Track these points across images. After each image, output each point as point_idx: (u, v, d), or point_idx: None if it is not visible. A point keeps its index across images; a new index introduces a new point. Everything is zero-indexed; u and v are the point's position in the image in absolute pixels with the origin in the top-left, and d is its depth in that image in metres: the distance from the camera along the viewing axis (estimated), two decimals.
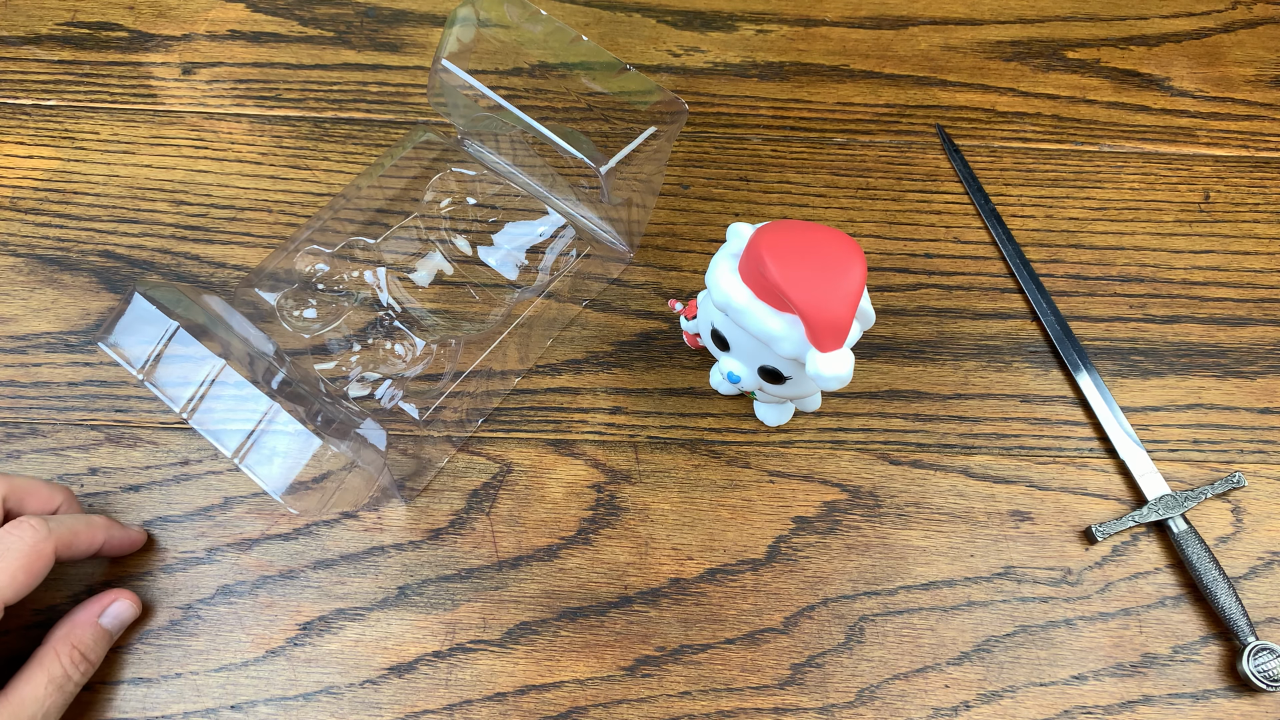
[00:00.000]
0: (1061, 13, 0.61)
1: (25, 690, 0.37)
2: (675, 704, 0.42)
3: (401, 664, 0.42)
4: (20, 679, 0.37)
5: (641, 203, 0.48)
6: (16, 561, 0.36)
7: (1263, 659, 0.42)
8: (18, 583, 0.36)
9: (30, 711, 0.36)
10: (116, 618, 0.41)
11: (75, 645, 0.39)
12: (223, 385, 0.36)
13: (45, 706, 0.37)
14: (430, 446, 0.45)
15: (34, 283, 0.49)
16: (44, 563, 0.37)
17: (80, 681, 0.39)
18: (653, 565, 0.44)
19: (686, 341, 0.48)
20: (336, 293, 0.46)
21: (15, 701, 0.36)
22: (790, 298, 0.34)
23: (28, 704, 0.36)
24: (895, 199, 0.54)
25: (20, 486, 0.39)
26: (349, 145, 0.54)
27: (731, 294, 0.37)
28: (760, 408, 0.47)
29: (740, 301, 0.37)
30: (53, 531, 0.38)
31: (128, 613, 0.41)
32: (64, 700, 0.38)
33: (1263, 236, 0.53)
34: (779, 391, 0.41)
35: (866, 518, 0.45)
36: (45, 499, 0.40)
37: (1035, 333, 0.50)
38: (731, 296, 0.37)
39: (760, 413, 0.47)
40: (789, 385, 0.40)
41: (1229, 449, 0.48)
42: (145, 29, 0.57)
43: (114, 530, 0.41)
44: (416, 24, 0.58)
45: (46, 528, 0.37)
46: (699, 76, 0.57)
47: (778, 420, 0.47)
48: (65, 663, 0.38)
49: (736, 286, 0.37)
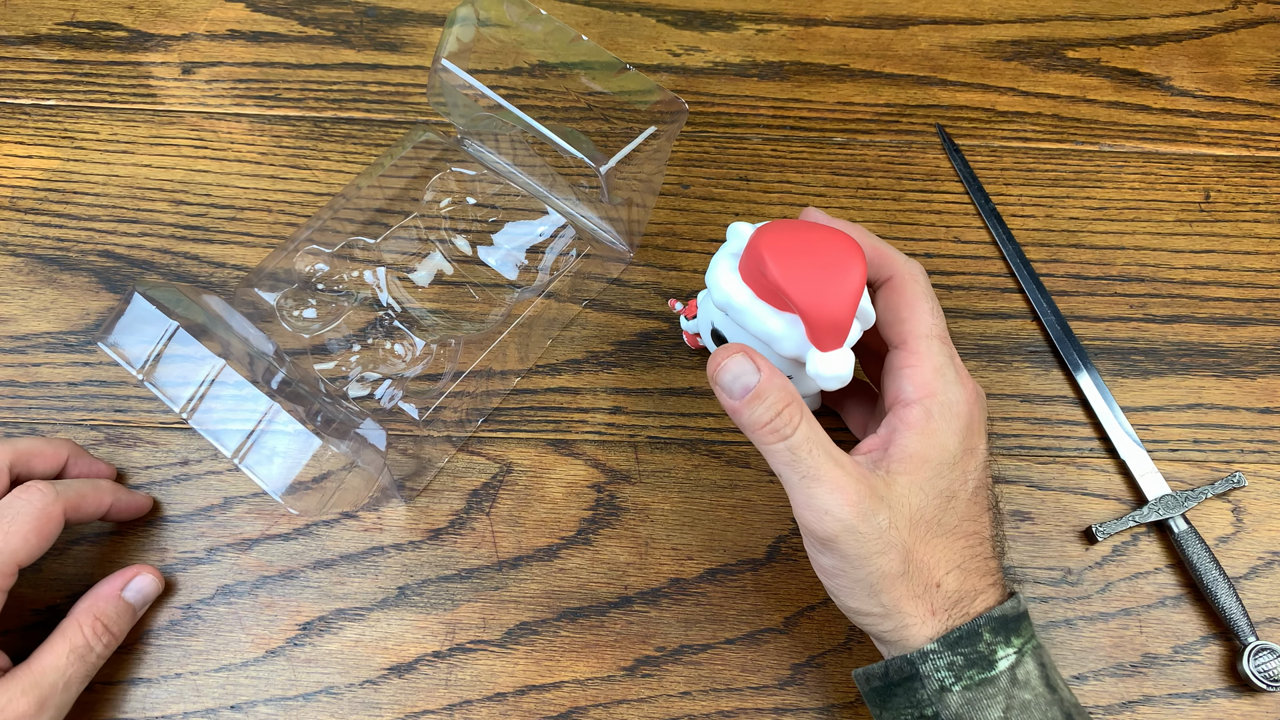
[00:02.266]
0: (1062, 12, 0.61)
1: (47, 659, 0.37)
2: (675, 704, 0.42)
3: (401, 664, 0.42)
4: (43, 649, 0.38)
5: (641, 202, 0.48)
6: (28, 524, 0.37)
7: (1263, 659, 0.42)
8: (30, 545, 0.37)
9: (51, 680, 0.37)
10: (140, 592, 0.41)
11: (98, 617, 0.39)
12: (222, 385, 0.36)
13: (67, 676, 0.37)
14: (430, 446, 0.45)
15: (34, 283, 0.49)
16: (54, 525, 0.38)
17: (103, 654, 0.39)
18: (653, 565, 0.44)
19: (686, 341, 0.48)
20: (336, 293, 0.46)
21: (37, 670, 0.37)
22: (790, 297, 0.34)
23: (49, 672, 0.37)
24: (895, 199, 0.54)
25: (25, 450, 0.40)
26: (349, 145, 0.54)
27: (731, 293, 0.37)
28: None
29: (740, 301, 0.36)
30: (60, 494, 0.38)
31: (151, 587, 0.41)
32: (86, 671, 0.38)
33: (1263, 236, 0.53)
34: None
35: None
36: (51, 457, 0.41)
37: (1035, 332, 0.50)
38: (731, 296, 0.37)
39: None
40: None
41: (1229, 449, 0.48)
42: (145, 29, 0.57)
43: (120, 494, 0.42)
44: (416, 24, 0.58)
45: (54, 491, 0.38)
46: (699, 76, 0.57)
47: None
48: (88, 633, 0.38)
49: (736, 286, 0.37)
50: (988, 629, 0.34)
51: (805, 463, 0.34)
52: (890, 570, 0.34)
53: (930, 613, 0.34)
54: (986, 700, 0.33)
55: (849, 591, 0.35)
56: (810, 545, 0.36)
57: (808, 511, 0.34)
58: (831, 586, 0.36)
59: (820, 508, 0.33)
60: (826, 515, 0.33)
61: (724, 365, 0.34)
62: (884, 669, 0.35)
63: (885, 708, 0.35)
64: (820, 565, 0.36)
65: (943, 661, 0.33)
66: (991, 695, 0.33)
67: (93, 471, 0.43)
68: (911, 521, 0.34)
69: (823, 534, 0.34)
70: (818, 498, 0.33)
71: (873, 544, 0.33)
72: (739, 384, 0.34)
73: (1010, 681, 0.33)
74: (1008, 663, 0.34)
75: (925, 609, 0.34)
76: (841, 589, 0.35)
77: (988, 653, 0.33)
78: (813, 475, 0.34)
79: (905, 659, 0.34)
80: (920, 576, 0.34)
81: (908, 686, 0.34)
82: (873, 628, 0.35)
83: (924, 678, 0.33)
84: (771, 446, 0.34)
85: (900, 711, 0.34)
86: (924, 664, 0.33)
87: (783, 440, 0.34)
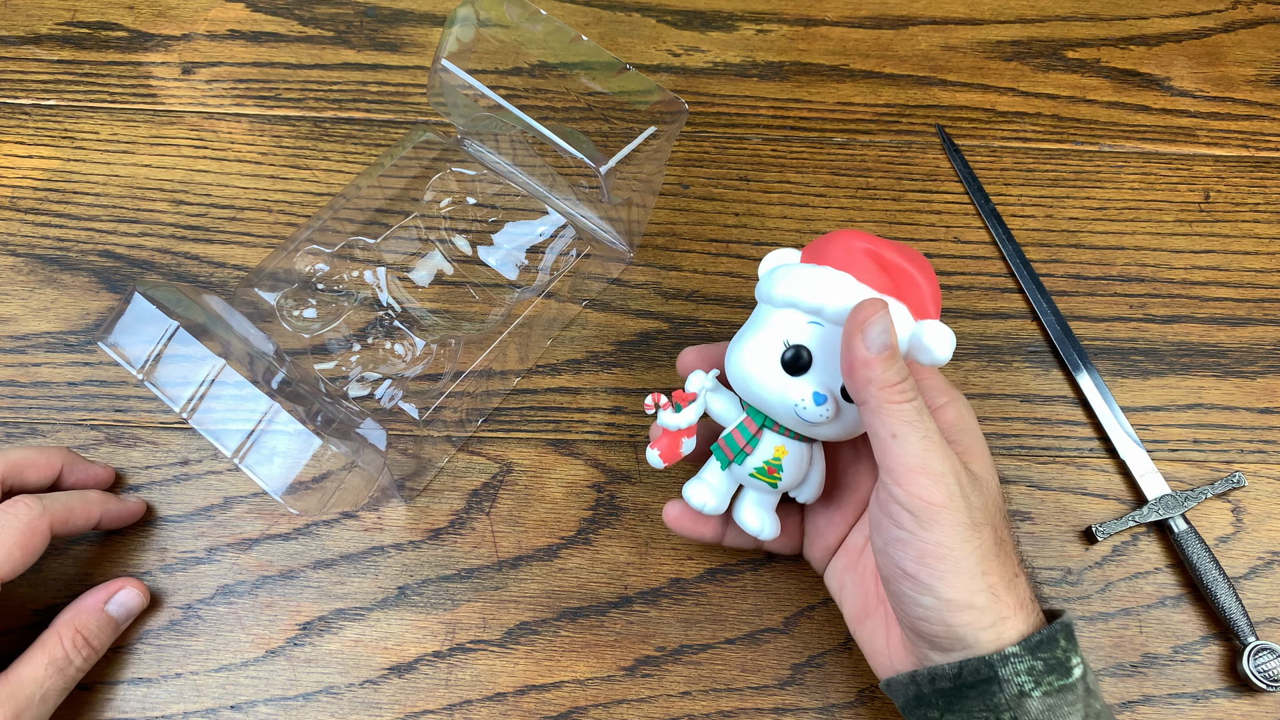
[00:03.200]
0: (1061, 12, 0.61)
1: (25, 670, 0.37)
2: (675, 704, 0.42)
3: (401, 664, 0.42)
4: (21, 660, 0.37)
5: (641, 203, 0.48)
6: (12, 538, 0.37)
7: (1263, 659, 0.42)
8: (14, 559, 0.37)
9: (28, 691, 0.36)
10: (123, 606, 0.41)
11: (79, 630, 0.39)
12: (223, 385, 0.36)
13: (44, 688, 0.37)
14: (430, 446, 0.45)
15: (34, 282, 0.49)
16: (40, 540, 0.38)
17: (82, 667, 0.39)
18: (653, 565, 0.44)
19: (656, 459, 0.39)
20: (336, 293, 0.46)
21: (14, 681, 0.36)
22: (910, 265, 0.36)
23: (26, 684, 0.37)
24: (895, 199, 0.54)
25: (17, 461, 0.40)
26: (349, 145, 0.54)
27: (830, 282, 0.36)
28: (751, 512, 0.40)
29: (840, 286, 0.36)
30: (47, 509, 0.38)
31: (135, 601, 0.41)
32: (64, 684, 0.38)
33: (1263, 236, 0.53)
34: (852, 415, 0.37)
35: None
36: (44, 468, 0.41)
37: (1035, 333, 0.50)
38: (831, 284, 0.36)
39: (751, 520, 0.40)
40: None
41: (1229, 449, 0.48)
42: (145, 29, 0.57)
43: (110, 504, 0.41)
44: (416, 24, 0.58)
45: (41, 505, 0.38)
46: (699, 76, 0.57)
47: (771, 529, 0.40)
48: (68, 646, 0.38)
49: (832, 274, 0.36)
50: (1063, 635, 0.33)
51: (926, 424, 0.33)
52: (989, 549, 0.33)
53: (1019, 605, 0.34)
54: (1067, 708, 0.32)
55: (951, 578, 0.33)
56: (906, 528, 0.33)
57: (924, 475, 0.33)
58: (927, 578, 0.33)
59: (937, 470, 0.33)
60: (942, 479, 0.33)
61: (876, 318, 0.33)
62: (957, 669, 0.33)
63: (951, 710, 0.34)
64: (919, 552, 0.33)
65: (1023, 665, 0.32)
66: (1071, 703, 0.32)
67: (89, 477, 0.42)
68: (995, 504, 0.35)
69: (938, 499, 0.32)
70: (934, 460, 0.33)
71: (978, 514, 0.33)
72: (882, 339, 0.33)
73: (1085, 690, 0.33)
74: (1080, 670, 0.33)
75: (1014, 600, 0.33)
76: (942, 576, 0.33)
77: (1064, 659, 0.33)
78: (931, 438, 0.33)
79: (984, 660, 0.33)
80: (1009, 563, 0.34)
81: (983, 689, 0.33)
82: (968, 625, 0.33)
83: (1003, 681, 0.32)
84: (898, 406, 0.33)
85: (972, 715, 0.33)
86: (1004, 667, 0.32)
87: (909, 402, 0.33)
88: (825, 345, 0.36)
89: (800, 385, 0.36)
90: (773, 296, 0.37)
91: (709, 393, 0.39)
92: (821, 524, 0.42)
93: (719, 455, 0.39)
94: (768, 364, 0.36)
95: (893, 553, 0.34)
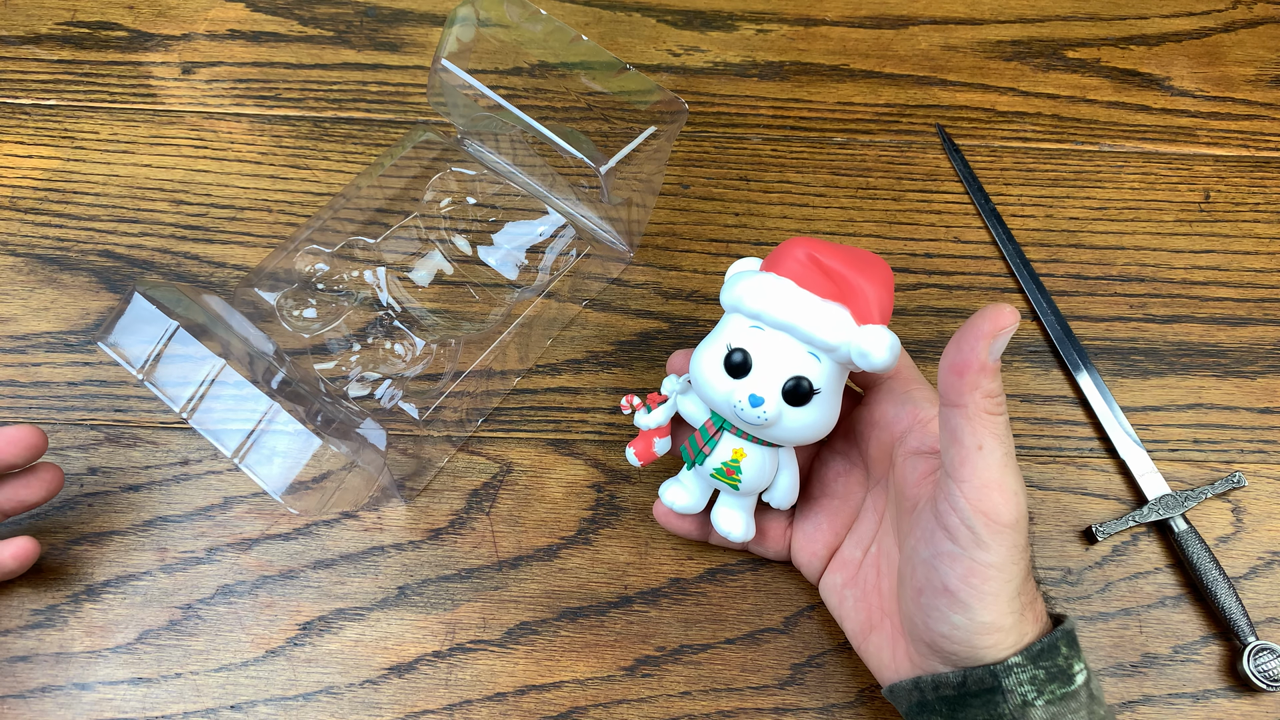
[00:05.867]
0: (1061, 12, 0.61)
1: None
2: (675, 704, 0.42)
3: (401, 664, 0.42)
4: None
5: (641, 202, 0.48)
6: None
7: (1263, 659, 0.42)
8: None
9: None
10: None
11: None
12: (223, 385, 0.36)
13: None
14: (430, 446, 0.45)
15: (34, 282, 0.49)
16: None
17: None
18: (653, 565, 0.44)
19: (634, 457, 0.42)
20: (336, 293, 0.46)
21: None
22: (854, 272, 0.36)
23: None
24: (895, 199, 0.54)
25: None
26: (349, 145, 0.54)
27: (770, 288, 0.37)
28: (724, 514, 0.41)
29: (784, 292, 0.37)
30: None
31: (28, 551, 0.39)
32: None
33: (1263, 236, 0.53)
34: (797, 419, 0.37)
35: None
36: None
37: (1035, 332, 0.50)
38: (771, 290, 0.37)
39: (723, 521, 0.41)
40: (809, 409, 0.37)
41: (1229, 449, 0.48)
42: (145, 28, 0.57)
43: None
44: (416, 24, 0.58)
45: None
46: (699, 76, 0.57)
47: (744, 531, 0.41)
48: None
49: (774, 281, 0.37)
50: (1064, 642, 0.33)
51: (1010, 443, 0.33)
52: (1026, 571, 0.33)
53: (1035, 619, 0.34)
54: (1070, 715, 0.32)
55: (991, 600, 0.32)
56: (960, 543, 0.33)
57: (998, 492, 0.32)
58: (967, 598, 0.33)
59: (1012, 489, 0.32)
60: (1016, 498, 0.32)
61: (1009, 328, 0.32)
62: (961, 678, 0.33)
63: (955, 718, 0.34)
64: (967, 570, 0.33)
65: (1025, 675, 0.32)
66: (1074, 710, 0.32)
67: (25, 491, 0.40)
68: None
69: (1007, 518, 0.32)
70: (1011, 479, 0.32)
71: (1024, 538, 0.33)
72: (1000, 350, 0.33)
73: (1089, 696, 0.33)
74: (1083, 677, 0.33)
75: (1033, 616, 0.34)
76: (983, 598, 0.32)
77: (1066, 666, 0.33)
78: (1012, 456, 0.33)
79: (988, 670, 0.33)
80: (1030, 580, 0.34)
81: (987, 699, 0.33)
82: (992, 647, 0.33)
83: (1006, 691, 0.32)
84: (993, 418, 0.33)
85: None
86: (1007, 677, 0.32)
87: (1002, 415, 0.33)
88: (766, 349, 0.37)
89: (741, 387, 0.37)
90: (725, 303, 0.39)
91: (680, 395, 0.41)
92: (809, 530, 0.42)
93: (684, 455, 0.40)
94: (715, 367, 0.38)
95: (939, 565, 0.33)
